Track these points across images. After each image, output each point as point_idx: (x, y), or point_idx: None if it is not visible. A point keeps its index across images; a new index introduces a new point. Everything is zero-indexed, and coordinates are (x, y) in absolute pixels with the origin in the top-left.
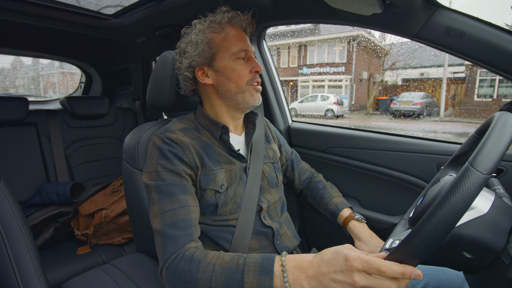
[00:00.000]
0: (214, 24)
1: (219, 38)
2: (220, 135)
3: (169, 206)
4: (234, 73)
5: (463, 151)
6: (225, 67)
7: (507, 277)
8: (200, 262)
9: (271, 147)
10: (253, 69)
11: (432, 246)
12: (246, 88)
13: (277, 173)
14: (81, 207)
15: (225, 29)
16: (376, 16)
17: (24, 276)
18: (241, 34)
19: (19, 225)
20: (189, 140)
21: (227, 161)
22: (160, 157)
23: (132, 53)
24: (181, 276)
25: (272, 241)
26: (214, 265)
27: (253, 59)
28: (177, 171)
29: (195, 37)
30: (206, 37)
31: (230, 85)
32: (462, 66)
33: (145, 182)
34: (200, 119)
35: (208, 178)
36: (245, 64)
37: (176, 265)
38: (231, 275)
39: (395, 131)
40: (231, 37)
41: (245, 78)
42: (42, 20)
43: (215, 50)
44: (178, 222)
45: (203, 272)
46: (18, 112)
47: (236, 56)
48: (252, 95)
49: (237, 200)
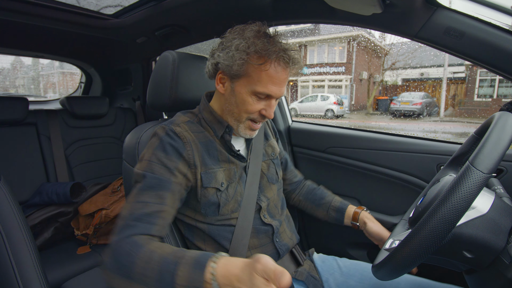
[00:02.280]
0: (259, 50)
1: (254, 68)
2: (222, 134)
3: (145, 198)
4: (243, 105)
5: (463, 151)
6: (241, 94)
7: (507, 277)
8: (142, 248)
9: (270, 143)
10: (263, 111)
11: (433, 245)
12: (244, 120)
13: (277, 169)
14: (81, 207)
15: (266, 65)
16: (376, 16)
17: (24, 276)
18: (279, 77)
19: (19, 225)
20: (191, 137)
21: (226, 160)
22: (158, 148)
23: (132, 53)
24: (120, 258)
25: (272, 239)
26: (154, 253)
27: (271, 103)
28: (170, 166)
29: (235, 50)
30: (243, 60)
31: (234, 109)
32: (462, 66)
33: (135, 171)
34: (204, 113)
35: (209, 176)
36: (261, 102)
37: (119, 246)
38: (167, 265)
39: (395, 131)
40: (265, 76)
41: (250, 114)
42: (42, 20)
43: (244, 74)
44: (144, 216)
45: (142, 258)
46: (18, 112)
47: (256, 93)
48: (245, 129)
49: (237, 198)
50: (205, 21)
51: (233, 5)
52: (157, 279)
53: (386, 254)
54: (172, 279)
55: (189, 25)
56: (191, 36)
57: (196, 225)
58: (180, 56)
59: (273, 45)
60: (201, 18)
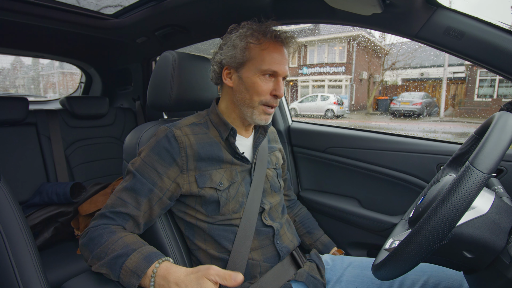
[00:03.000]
0: (257, 34)
1: (256, 49)
2: (227, 136)
3: (126, 198)
4: (254, 87)
5: (463, 151)
6: (249, 78)
7: (507, 277)
8: (114, 233)
9: (275, 153)
10: (274, 91)
11: (433, 245)
12: (257, 105)
13: (279, 179)
14: (81, 207)
15: (265, 43)
16: (376, 16)
17: (24, 276)
18: (279, 54)
19: (19, 225)
20: (189, 142)
21: (229, 161)
22: (153, 149)
23: (132, 53)
24: (92, 236)
25: (273, 241)
26: (120, 239)
27: (279, 82)
28: (159, 171)
29: (235, 39)
30: (244, 44)
31: (245, 96)
32: (462, 66)
33: (129, 165)
34: (212, 115)
35: (204, 178)
36: (270, 82)
37: (94, 229)
38: (125, 249)
39: (395, 131)
40: (266, 53)
41: (261, 96)
42: (42, 20)
43: (247, 59)
44: (121, 214)
45: (110, 241)
46: (18, 112)
47: (262, 72)
48: (260, 115)
49: (239, 199)
50: (205, 21)
51: (233, 5)
52: (113, 257)
53: (386, 254)
54: (124, 260)
55: (189, 25)
56: (191, 36)
57: (197, 223)
58: (180, 56)
59: (266, 26)
60: (201, 18)
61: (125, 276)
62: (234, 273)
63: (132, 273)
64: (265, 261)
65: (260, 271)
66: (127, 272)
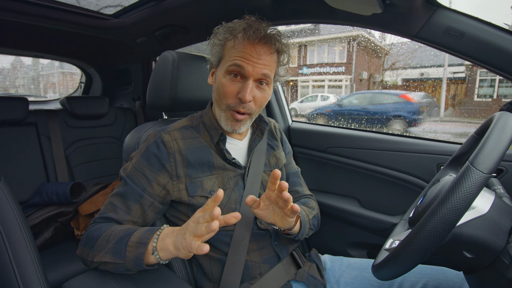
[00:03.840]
0: (228, 30)
1: (227, 46)
2: (217, 141)
3: (117, 203)
4: (220, 89)
5: (463, 151)
6: (218, 77)
7: (507, 277)
8: (112, 225)
9: (275, 154)
10: (238, 94)
11: (433, 245)
12: (225, 109)
13: None
14: (81, 207)
15: (236, 39)
16: (376, 16)
17: (24, 276)
18: (249, 49)
19: (19, 225)
20: (178, 147)
21: (221, 167)
22: (143, 156)
23: (132, 53)
24: (91, 232)
25: (270, 242)
26: (120, 227)
27: (247, 83)
28: (149, 177)
29: (213, 37)
30: (218, 41)
31: (216, 97)
32: (462, 66)
33: (121, 170)
34: (205, 118)
35: (195, 186)
36: (236, 83)
37: (93, 226)
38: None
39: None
40: (234, 50)
41: (227, 99)
42: (42, 20)
43: (221, 56)
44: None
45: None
46: (18, 112)
47: (228, 71)
48: (227, 120)
49: (231, 206)
50: (205, 21)
51: (233, 5)
52: (116, 241)
53: (386, 254)
54: (128, 238)
55: (189, 25)
56: (191, 36)
57: None
58: (180, 56)
59: (242, 23)
60: (201, 18)
61: (131, 251)
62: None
63: (138, 244)
64: (264, 262)
65: (260, 272)
66: (133, 246)
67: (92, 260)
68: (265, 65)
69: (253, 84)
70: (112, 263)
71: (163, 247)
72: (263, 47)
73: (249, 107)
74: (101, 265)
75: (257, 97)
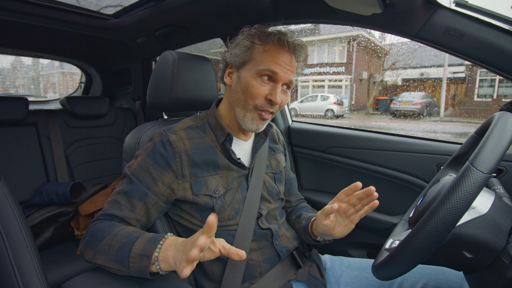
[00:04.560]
0: (262, 35)
1: (258, 49)
2: (223, 141)
3: (122, 201)
4: (248, 89)
5: (463, 151)
6: (245, 78)
7: (507, 277)
8: (115, 227)
9: (276, 157)
10: (269, 96)
11: (433, 245)
12: (252, 109)
13: (277, 184)
14: (81, 207)
15: (268, 45)
16: (376, 16)
17: (24, 276)
18: (282, 57)
19: (19, 225)
20: (184, 146)
21: (226, 167)
22: (149, 154)
23: (132, 53)
24: (94, 233)
25: (272, 242)
26: (122, 229)
27: (277, 86)
28: (154, 176)
29: (241, 37)
30: (248, 43)
31: (240, 97)
32: (462, 66)
33: (125, 168)
34: (210, 118)
35: (200, 184)
36: (267, 86)
37: (95, 225)
38: (129, 238)
39: (395, 131)
40: (267, 54)
41: (255, 99)
42: (42, 20)
43: (248, 58)
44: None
45: (112, 233)
46: (18, 112)
47: (259, 73)
48: (252, 120)
49: (235, 206)
50: (205, 21)
51: (233, 5)
52: (118, 249)
53: (386, 254)
54: (130, 248)
55: (189, 25)
56: (191, 36)
57: (193, 228)
58: (180, 56)
59: (274, 30)
60: (201, 18)
61: (135, 262)
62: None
63: (141, 256)
64: (265, 261)
65: (261, 272)
66: (136, 257)
67: (95, 262)
68: (292, 72)
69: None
70: (115, 269)
71: (164, 258)
72: (293, 56)
73: (276, 108)
74: (104, 267)
75: (282, 100)
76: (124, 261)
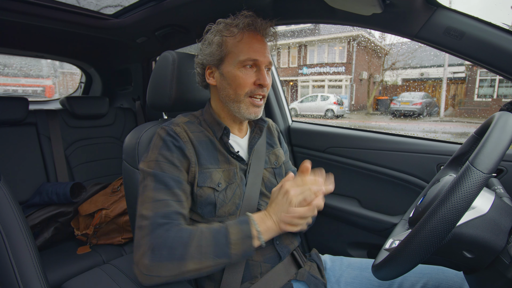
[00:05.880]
0: (230, 27)
1: (232, 42)
2: (221, 135)
3: (164, 196)
4: (235, 81)
5: (463, 151)
6: (229, 73)
7: (507, 277)
8: (189, 230)
9: (274, 151)
10: (258, 81)
11: (433, 245)
12: (243, 99)
13: (277, 179)
14: (81, 207)
15: (240, 35)
16: (376, 16)
17: (24, 276)
18: (256, 42)
19: (19, 225)
20: (189, 137)
21: (226, 161)
22: (163, 147)
23: (132, 53)
24: (171, 243)
25: (272, 242)
26: (199, 227)
27: (262, 70)
28: (176, 164)
29: (211, 36)
30: (220, 39)
31: (229, 92)
32: (462, 66)
33: (142, 169)
34: (205, 115)
35: (205, 176)
36: (252, 73)
37: (165, 235)
38: (216, 232)
39: (395, 131)
40: (243, 44)
41: (245, 88)
42: (42, 20)
43: (225, 53)
44: (170, 214)
45: (193, 236)
46: (18, 112)
47: (242, 64)
48: (248, 108)
49: (235, 201)
50: (205, 21)
51: (233, 5)
52: (213, 244)
53: (386, 254)
54: (226, 239)
55: (189, 25)
56: (191, 36)
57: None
58: (180, 56)
59: (239, 18)
60: (201, 18)
61: (237, 248)
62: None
63: (243, 239)
64: (265, 261)
65: (261, 272)
66: (237, 243)
67: (179, 271)
68: (269, 53)
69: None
70: (212, 266)
71: (266, 230)
72: (265, 38)
73: (266, 91)
74: (191, 272)
75: (269, 81)
76: (226, 252)
